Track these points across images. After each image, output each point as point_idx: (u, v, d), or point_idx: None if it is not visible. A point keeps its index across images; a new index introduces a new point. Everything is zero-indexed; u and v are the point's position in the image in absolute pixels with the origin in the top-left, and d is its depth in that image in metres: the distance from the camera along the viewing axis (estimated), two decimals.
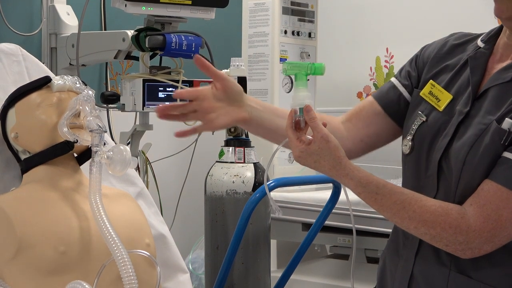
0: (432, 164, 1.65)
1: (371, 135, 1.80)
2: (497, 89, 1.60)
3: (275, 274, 2.94)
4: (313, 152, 1.57)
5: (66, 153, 1.87)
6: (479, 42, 1.71)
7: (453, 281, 1.61)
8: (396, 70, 1.81)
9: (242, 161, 2.74)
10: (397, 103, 1.78)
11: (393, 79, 1.81)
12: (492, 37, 1.70)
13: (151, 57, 2.80)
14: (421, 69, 1.78)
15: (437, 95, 1.69)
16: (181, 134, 1.65)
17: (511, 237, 1.55)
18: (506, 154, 1.54)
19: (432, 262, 1.64)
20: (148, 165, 3.02)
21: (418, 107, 1.72)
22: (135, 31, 2.67)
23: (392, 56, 3.94)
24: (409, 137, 1.70)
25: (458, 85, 1.68)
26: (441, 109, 1.67)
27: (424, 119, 1.69)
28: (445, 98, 1.68)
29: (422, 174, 1.68)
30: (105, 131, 1.83)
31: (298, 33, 3.52)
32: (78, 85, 1.91)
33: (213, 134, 2.78)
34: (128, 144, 2.86)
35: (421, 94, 1.72)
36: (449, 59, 1.74)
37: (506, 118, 1.54)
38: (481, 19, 1.64)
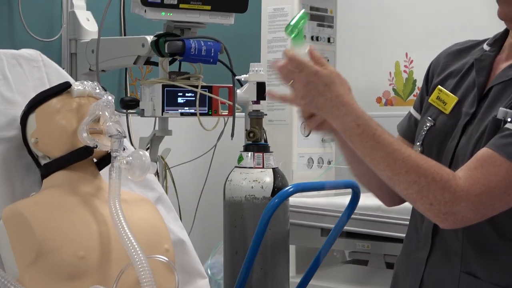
0: None
1: None
2: (500, 86, 1.59)
3: (294, 279, 2.93)
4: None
5: (86, 158, 1.88)
6: (485, 46, 1.70)
7: (464, 284, 1.59)
8: (415, 75, 1.82)
9: (261, 166, 2.74)
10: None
11: (410, 108, 1.81)
12: (498, 40, 1.69)
13: (171, 63, 2.81)
14: (430, 80, 1.77)
15: (444, 99, 1.68)
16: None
17: (497, 210, 1.49)
18: (508, 125, 1.50)
19: (443, 264, 1.63)
20: (167, 170, 3.03)
21: (426, 113, 1.72)
22: (155, 36, 2.68)
23: (412, 61, 3.92)
24: (418, 143, 1.69)
25: (465, 87, 1.67)
26: (447, 112, 1.67)
27: (432, 123, 1.68)
28: (451, 101, 1.67)
29: None
30: (125, 136, 1.84)
31: (317, 38, 3.51)
32: (97, 91, 1.92)
33: (232, 139, 2.78)
34: (147, 149, 2.86)
35: (429, 100, 1.72)
36: (454, 64, 1.73)
37: (500, 108, 1.53)
38: (500, 24, 1.63)
